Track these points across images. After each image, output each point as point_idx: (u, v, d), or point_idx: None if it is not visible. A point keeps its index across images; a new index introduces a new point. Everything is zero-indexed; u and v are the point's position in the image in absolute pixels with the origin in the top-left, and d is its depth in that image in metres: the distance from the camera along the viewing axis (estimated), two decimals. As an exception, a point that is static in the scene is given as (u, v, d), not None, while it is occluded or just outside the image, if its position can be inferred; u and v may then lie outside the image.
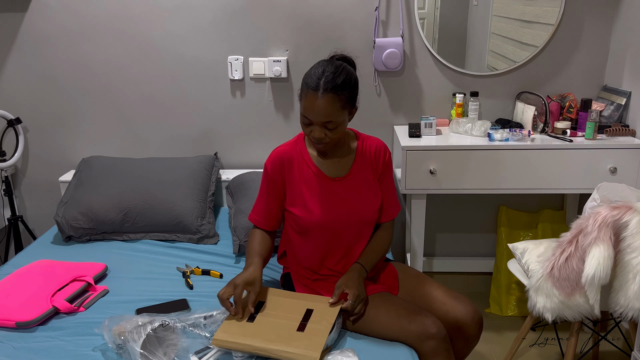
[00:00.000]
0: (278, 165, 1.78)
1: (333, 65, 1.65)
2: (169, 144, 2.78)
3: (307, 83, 1.64)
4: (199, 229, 2.33)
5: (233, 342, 1.50)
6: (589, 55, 2.58)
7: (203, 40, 2.62)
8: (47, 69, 2.69)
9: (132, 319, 1.57)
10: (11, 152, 2.72)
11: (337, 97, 1.62)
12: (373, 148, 1.83)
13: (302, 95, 1.67)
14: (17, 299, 1.80)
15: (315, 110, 1.62)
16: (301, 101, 1.67)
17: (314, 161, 1.79)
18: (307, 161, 1.79)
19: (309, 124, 1.67)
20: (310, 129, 1.67)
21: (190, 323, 1.66)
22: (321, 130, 1.66)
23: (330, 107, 1.62)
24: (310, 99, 1.62)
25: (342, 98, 1.63)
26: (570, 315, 1.82)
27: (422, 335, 1.55)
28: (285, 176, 1.78)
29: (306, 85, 1.65)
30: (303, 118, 1.68)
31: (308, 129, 1.68)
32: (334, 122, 1.64)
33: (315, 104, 1.61)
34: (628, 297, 1.71)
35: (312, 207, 1.75)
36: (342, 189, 1.78)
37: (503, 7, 2.51)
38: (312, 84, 1.63)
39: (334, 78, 1.62)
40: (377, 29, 2.57)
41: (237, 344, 1.50)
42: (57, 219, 2.32)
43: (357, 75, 1.72)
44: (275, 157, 1.79)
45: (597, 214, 1.69)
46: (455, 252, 2.94)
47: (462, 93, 2.59)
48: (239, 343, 1.50)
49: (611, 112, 2.46)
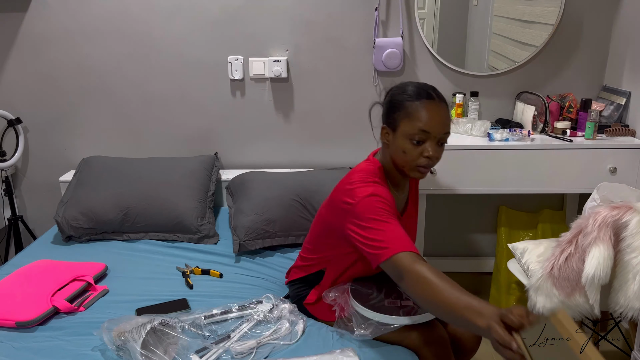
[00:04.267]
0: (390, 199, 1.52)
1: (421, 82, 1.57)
2: (169, 144, 2.78)
3: (414, 96, 1.50)
4: (199, 229, 2.33)
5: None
6: (589, 55, 2.58)
7: (203, 40, 2.62)
8: (47, 69, 2.69)
9: (132, 319, 1.57)
10: (11, 152, 2.72)
11: (448, 109, 1.54)
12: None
13: (408, 111, 1.49)
14: (17, 299, 1.80)
15: (438, 120, 1.47)
16: (408, 118, 1.49)
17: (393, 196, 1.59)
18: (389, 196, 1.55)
19: (421, 142, 1.49)
20: (422, 148, 1.49)
21: (190, 322, 1.66)
22: (435, 146, 1.50)
23: (448, 115, 1.52)
24: (428, 108, 1.47)
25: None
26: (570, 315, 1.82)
27: (424, 340, 1.55)
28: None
29: (414, 98, 1.49)
30: (417, 135, 1.48)
31: (417, 150, 1.49)
32: (449, 133, 1.53)
33: (438, 111, 1.48)
34: (628, 297, 1.71)
35: None
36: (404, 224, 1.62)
37: (503, 7, 2.51)
38: (422, 95, 1.49)
39: (434, 89, 1.53)
40: (377, 29, 2.57)
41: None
42: (57, 219, 2.32)
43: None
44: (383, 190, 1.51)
45: (597, 214, 1.69)
46: (455, 252, 2.94)
47: (462, 93, 2.59)
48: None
49: (611, 112, 2.46)
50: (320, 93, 2.68)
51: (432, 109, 1.48)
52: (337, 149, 2.76)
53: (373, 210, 1.44)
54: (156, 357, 1.48)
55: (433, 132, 1.48)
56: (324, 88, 2.67)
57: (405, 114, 1.50)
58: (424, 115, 1.47)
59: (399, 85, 1.58)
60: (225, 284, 1.98)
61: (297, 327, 1.66)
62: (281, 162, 2.79)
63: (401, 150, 1.51)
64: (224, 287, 1.95)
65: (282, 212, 2.26)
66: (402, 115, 1.51)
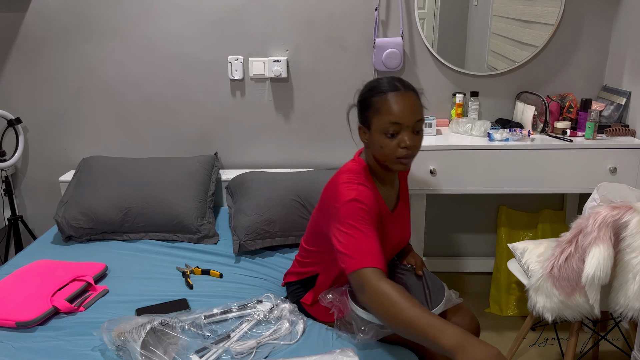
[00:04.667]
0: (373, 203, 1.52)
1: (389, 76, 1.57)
2: (169, 144, 2.78)
3: (380, 91, 1.51)
4: (199, 229, 2.33)
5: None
6: (589, 55, 2.58)
7: (203, 40, 2.62)
8: (47, 69, 2.69)
9: (132, 319, 1.57)
10: (11, 152, 2.72)
11: (417, 94, 1.53)
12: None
13: (377, 106, 1.50)
14: (17, 299, 1.80)
15: (407, 108, 1.47)
16: (378, 113, 1.50)
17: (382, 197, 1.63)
18: (377, 196, 1.60)
19: (396, 134, 1.50)
20: (399, 139, 1.49)
21: (190, 322, 1.66)
22: (411, 136, 1.50)
23: (418, 103, 1.52)
24: (395, 99, 1.48)
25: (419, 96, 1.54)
26: (570, 315, 1.82)
27: None
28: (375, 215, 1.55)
29: (380, 93, 1.50)
30: (389, 127, 1.48)
31: (394, 142, 1.50)
32: (422, 121, 1.53)
33: (405, 101, 1.48)
34: (628, 297, 1.71)
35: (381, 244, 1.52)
36: (396, 221, 1.68)
37: (503, 7, 2.51)
38: (389, 87, 1.50)
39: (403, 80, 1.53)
40: (377, 29, 2.57)
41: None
42: (57, 219, 2.32)
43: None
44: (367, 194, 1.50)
45: (597, 214, 1.69)
46: (455, 252, 2.94)
47: (462, 93, 2.59)
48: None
49: (611, 112, 2.47)
50: (320, 93, 2.68)
51: (399, 100, 1.48)
52: (337, 149, 2.76)
53: (352, 216, 1.45)
54: (156, 357, 1.48)
55: (404, 122, 1.48)
56: (324, 88, 2.67)
57: (375, 110, 1.52)
58: (392, 107, 1.48)
59: (366, 83, 1.59)
60: (225, 284, 1.98)
61: (297, 327, 1.66)
62: (281, 162, 2.79)
63: (379, 146, 1.52)
64: (224, 287, 1.95)
65: (282, 212, 2.26)
66: (372, 112, 1.52)
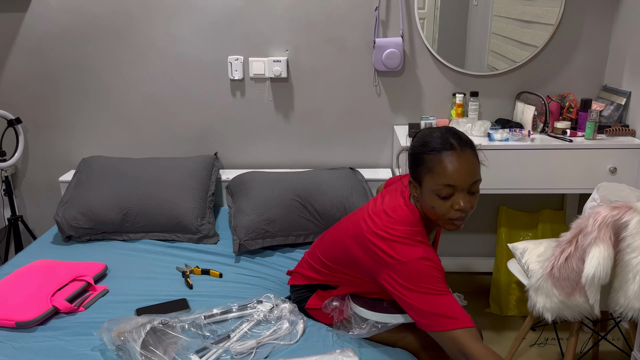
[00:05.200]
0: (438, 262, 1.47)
1: (447, 127, 1.47)
2: (169, 144, 2.78)
3: (433, 145, 1.40)
4: (199, 229, 2.33)
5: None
6: (589, 55, 2.58)
7: (203, 40, 2.62)
8: (47, 69, 2.69)
9: (132, 319, 1.57)
10: (11, 152, 2.72)
11: (474, 152, 1.42)
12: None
13: (429, 165, 1.41)
14: (17, 299, 1.80)
15: (463, 170, 1.37)
16: (430, 173, 1.41)
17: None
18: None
19: (449, 196, 1.41)
20: (453, 201, 1.40)
21: (190, 322, 1.66)
22: (466, 197, 1.40)
23: (475, 162, 1.41)
24: (451, 159, 1.38)
25: (476, 154, 1.43)
26: (570, 315, 1.82)
27: (422, 344, 1.55)
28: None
29: (434, 151, 1.40)
30: (442, 190, 1.39)
31: (447, 203, 1.41)
32: (479, 181, 1.42)
33: (461, 162, 1.37)
34: (628, 297, 1.71)
35: None
36: None
37: (503, 7, 2.51)
38: (445, 145, 1.39)
39: (459, 135, 1.41)
40: (377, 29, 2.57)
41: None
42: (57, 219, 2.32)
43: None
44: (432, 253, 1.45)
45: (597, 214, 1.69)
46: (455, 252, 2.94)
47: (462, 93, 2.59)
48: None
49: (611, 112, 2.46)
50: (320, 93, 2.68)
51: (455, 161, 1.38)
52: (337, 149, 2.76)
53: (426, 277, 1.38)
54: (156, 357, 1.48)
55: (459, 184, 1.39)
56: (324, 88, 2.67)
57: (427, 169, 1.41)
58: (447, 168, 1.38)
59: (420, 135, 1.48)
60: (225, 284, 1.98)
61: (297, 327, 1.66)
62: (281, 162, 2.79)
63: (430, 205, 1.43)
64: (224, 287, 1.95)
65: (282, 212, 2.26)
66: (424, 170, 1.42)
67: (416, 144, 1.47)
